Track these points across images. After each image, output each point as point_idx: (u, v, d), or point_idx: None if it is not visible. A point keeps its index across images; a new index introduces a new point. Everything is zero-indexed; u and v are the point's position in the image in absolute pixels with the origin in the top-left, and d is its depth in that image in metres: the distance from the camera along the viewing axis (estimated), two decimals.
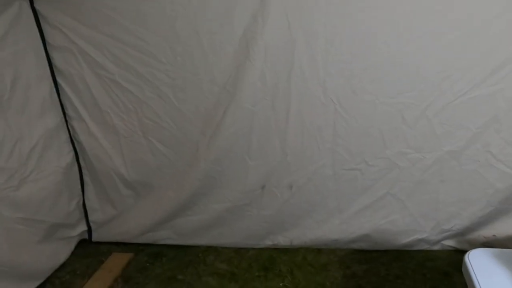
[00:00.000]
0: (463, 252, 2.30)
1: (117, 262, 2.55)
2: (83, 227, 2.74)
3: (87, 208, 2.69)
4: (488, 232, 2.28)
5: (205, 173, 2.43)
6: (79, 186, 2.64)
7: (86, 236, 2.79)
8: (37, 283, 2.34)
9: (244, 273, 2.34)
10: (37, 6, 2.20)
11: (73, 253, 2.66)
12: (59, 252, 2.56)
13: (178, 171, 2.49)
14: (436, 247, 2.36)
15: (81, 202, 2.68)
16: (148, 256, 2.59)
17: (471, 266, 1.48)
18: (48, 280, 2.41)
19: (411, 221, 2.30)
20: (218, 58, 2.21)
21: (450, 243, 2.35)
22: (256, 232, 2.52)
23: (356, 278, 2.20)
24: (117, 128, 2.46)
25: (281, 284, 2.21)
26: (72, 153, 2.55)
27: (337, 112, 2.18)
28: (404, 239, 2.34)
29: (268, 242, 2.53)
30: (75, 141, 2.53)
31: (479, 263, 1.50)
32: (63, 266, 2.55)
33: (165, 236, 2.63)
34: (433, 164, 2.19)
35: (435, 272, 2.18)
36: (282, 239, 2.51)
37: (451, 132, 2.12)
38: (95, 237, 2.78)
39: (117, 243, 2.73)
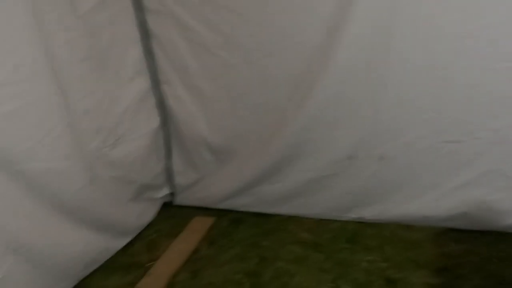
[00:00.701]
0: None
1: (200, 225, 2.61)
2: (167, 190, 2.82)
3: (172, 171, 2.77)
4: None
5: (291, 141, 2.37)
6: (166, 150, 2.71)
7: (169, 199, 2.88)
8: (128, 239, 2.46)
9: (328, 244, 2.28)
10: None
11: (158, 215, 2.77)
12: (146, 212, 2.67)
13: (263, 138, 2.45)
14: None
15: (167, 165, 2.75)
16: (230, 222, 2.62)
17: None
18: (137, 238, 2.52)
19: None
20: (311, 19, 2.11)
21: None
22: (341, 204, 2.43)
23: (453, 257, 2.05)
24: (204, 93, 2.47)
25: (369, 258, 2.12)
26: (161, 116, 2.61)
27: (441, 78, 2.00)
28: (509, 220, 2.14)
29: (352, 215, 2.44)
30: (163, 105, 2.58)
31: None
32: (149, 226, 2.66)
33: (247, 203, 2.63)
34: None
35: None
36: (368, 213, 2.40)
37: None
38: (178, 200, 2.86)
39: (199, 207, 2.79)
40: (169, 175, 2.78)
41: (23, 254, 1.74)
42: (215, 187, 2.70)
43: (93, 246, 2.19)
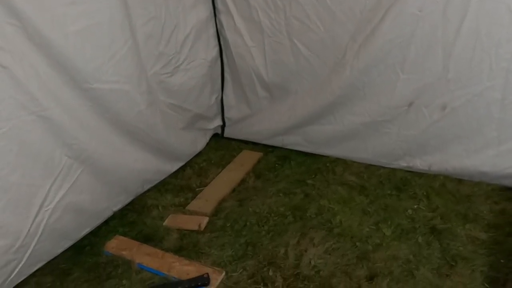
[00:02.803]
0: None
1: (248, 158, 2.70)
2: (218, 122, 2.90)
3: (224, 104, 2.82)
4: None
5: (349, 82, 2.30)
6: (220, 82, 2.74)
7: (219, 131, 2.97)
8: (180, 164, 2.60)
9: (374, 189, 2.28)
10: None
11: (208, 145, 2.88)
12: (197, 141, 2.78)
13: (319, 77, 2.40)
14: None
15: (219, 97, 2.80)
16: (277, 158, 2.68)
17: None
18: (188, 164, 2.66)
19: None
20: None
21: None
22: (392, 151, 2.39)
23: (505, 215, 2.00)
24: (263, 26, 2.42)
25: (415, 206, 2.11)
26: (217, 48, 2.61)
27: None
28: None
29: (402, 163, 2.40)
30: (220, 36, 2.57)
31: None
32: (200, 154, 2.78)
33: (295, 141, 2.66)
34: None
35: None
36: (420, 162, 2.34)
37: None
38: (227, 133, 2.94)
39: (247, 141, 2.86)
40: (221, 107, 2.83)
41: (90, 165, 1.90)
42: (265, 123, 2.73)
43: (150, 166, 2.34)
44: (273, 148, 2.76)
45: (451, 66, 2.04)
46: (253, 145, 2.82)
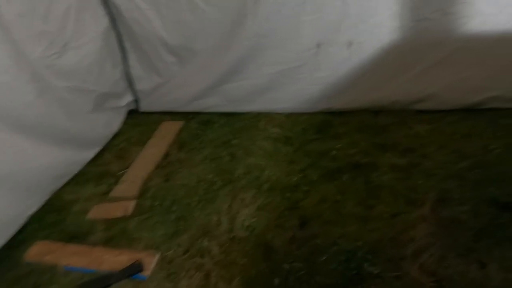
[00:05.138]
0: None
1: (169, 129, 2.56)
2: (130, 97, 2.70)
3: (132, 76, 2.61)
4: None
5: (254, 31, 2.20)
6: (120, 53, 2.51)
7: (134, 107, 2.78)
8: (97, 149, 2.41)
9: (298, 136, 2.29)
10: None
11: (125, 123, 2.69)
12: (112, 121, 2.58)
13: (224, 31, 2.27)
14: (508, 105, 2.15)
15: (125, 71, 2.58)
16: (199, 123, 2.57)
17: None
18: (106, 148, 2.47)
19: (486, 77, 2.07)
20: None
21: None
22: (310, 96, 2.39)
23: (419, 138, 2.10)
24: None
25: (338, 146, 2.15)
26: (108, 16, 2.35)
27: None
28: (475, 97, 2.14)
29: (322, 106, 2.41)
30: (109, 2, 2.31)
31: None
32: (117, 135, 2.59)
33: (215, 103, 2.56)
34: None
35: (508, 129, 2.03)
36: (338, 102, 2.37)
37: None
38: (143, 106, 2.75)
39: (166, 112, 2.71)
40: (129, 81, 2.63)
41: None
42: (180, 89, 2.58)
43: (60, 160, 2.13)
44: (194, 114, 2.64)
45: (350, 1, 2.01)
46: (173, 115, 2.68)
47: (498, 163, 1.83)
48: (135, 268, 1.65)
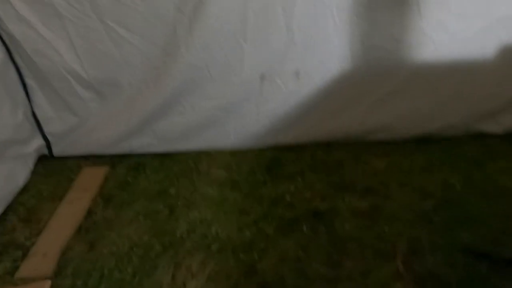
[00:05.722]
0: (493, 136, 2.10)
1: (91, 178, 2.13)
2: (39, 141, 2.21)
3: (39, 117, 2.14)
4: None
5: (188, 63, 1.90)
6: (22, 91, 2.04)
7: (45, 152, 2.29)
8: None
9: (247, 179, 2.01)
10: None
11: (34, 173, 2.19)
12: (15, 173, 2.07)
13: (153, 63, 1.93)
14: (462, 132, 2.09)
15: (29, 111, 2.11)
16: (128, 169, 2.17)
17: None
18: (10, 208, 1.98)
19: (440, 106, 1.98)
20: None
21: (480, 127, 2.08)
22: (256, 131, 2.13)
23: (377, 174, 1.94)
24: (58, 8, 1.78)
25: (292, 189, 1.91)
26: (3, 48, 1.88)
27: None
28: (429, 126, 2.04)
29: (270, 141, 2.16)
30: (2, 32, 1.85)
31: None
32: (25, 189, 2.09)
33: (146, 143, 2.19)
34: (475, 36, 1.77)
35: (465, 161, 1.96)
36: (287, 136, 2.14)
37: None
38: (57, 151, 2.28)
39: (86, 156, 2.27)
40: (36, 122, 2.15)
41: None
42: (102, 129, 2.17)
43: None
44: (121, 157, 2.24)
45: (295, 27, 1.80)
46: (96, 160, 2.25)
47: (462, 202, 1.73)
48: None
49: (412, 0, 1.69)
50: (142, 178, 2.10)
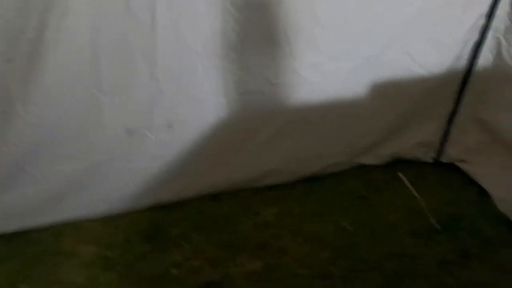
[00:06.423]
0: (373, 167, 2.14)
1: None
2: None
3: None
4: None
5: (29, 122, 1.51)
6: None
7: None
8: None
9: (122, 253, 1.68)
10: None
11: None
12: None
13: None
14: (346, 167, 2.08)
15: None
16: None
17: None
18: None
19: (321, 145, 1.94)
20: None
21: (361, 160, 2.10)
22: (129, 192, 1.81)
23: (269, 226, 1.79)
24: None
25: (178, 259, 1.65)
26: None
27: (229, 12, 1.48)
28: (314, 166, 1.99)
29: (147, 201, 1.87)
30: None
31: None
32: None
33: None
34: (347, 75, 1.76)
35: (352, 198, 1.94)
36: (166, 194, 1.87)
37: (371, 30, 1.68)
38: None
39: None
40: None
41: None
42: None
43: None
44: None
45: (160, 75, 1.56)
46: None
47: (356, 246, 1.67)
48: None
49: (284, 42, 1.61)
50: None
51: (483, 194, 1.93)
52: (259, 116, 1.78)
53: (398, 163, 2.14)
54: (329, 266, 1.58)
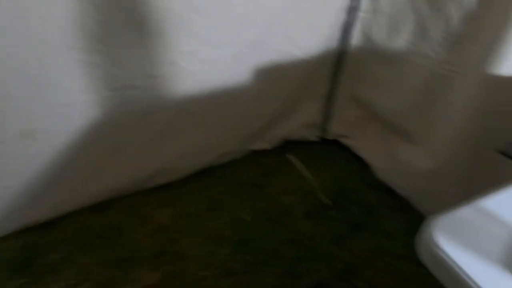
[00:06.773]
0: (264, 153, 2.14)
1: None
2: None
3: None
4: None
5: None
6: None
7: None
8: None
9: None
10: None
11: None
12: None
13: None
14: (239, 156, 2.04)
15: None
16: None
17: None
18: None
19: (211, 136, 1.86)
20: None
21: (252, 147, 2.07)
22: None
23: (164, 230, 1.65)
24: None
25: (62, 284, 1.43)
26: None
27: None
28: (205, 158, 1.90)
29: (17, 223, 1.57)
30: None
31: None
32: None
33: None
34: (230, 63, 1.68)
35: (247, 187, 1.90)
36: (40, 211, 1.60)
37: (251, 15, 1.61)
38: None
39: None
40: None
41: None
42: None
43: None
44: None
45: (6, 77, 1.28)
46: None
47: (255, 237, 1.66)
48: None
49: (158, 31, 1.45)
50: None
51: (364, 165, 2.08)
52: (142, 112, 1.60)
53: (288, 145, 2.19)
54: (231, 263, 1.54)
